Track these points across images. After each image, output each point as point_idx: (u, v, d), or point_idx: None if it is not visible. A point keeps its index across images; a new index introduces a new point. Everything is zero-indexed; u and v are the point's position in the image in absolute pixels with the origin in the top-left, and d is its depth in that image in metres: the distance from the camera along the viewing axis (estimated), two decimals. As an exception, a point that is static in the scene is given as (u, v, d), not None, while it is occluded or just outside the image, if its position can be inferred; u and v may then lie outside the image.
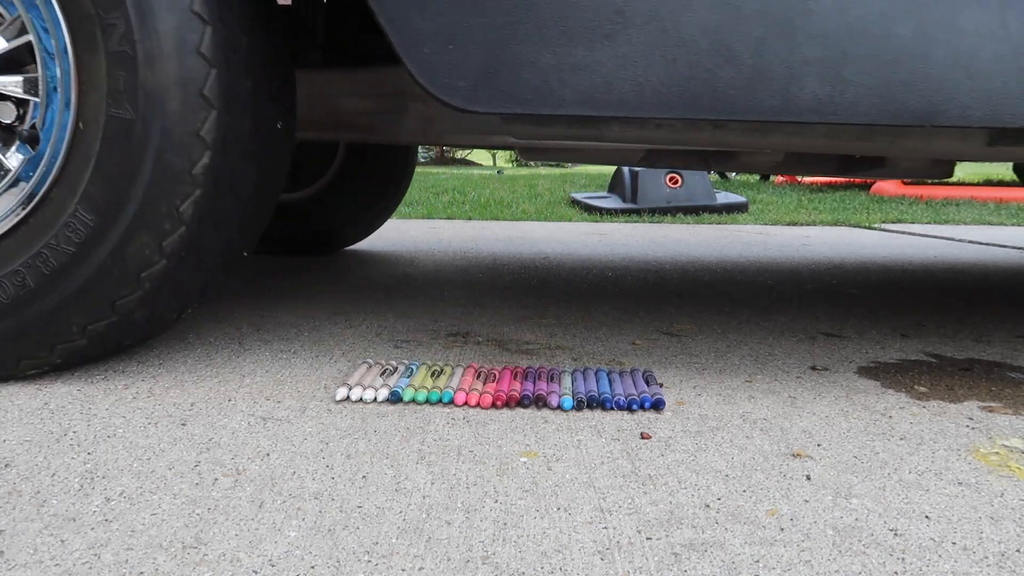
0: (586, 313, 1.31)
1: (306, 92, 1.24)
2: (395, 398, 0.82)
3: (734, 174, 7.64)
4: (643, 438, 0.73)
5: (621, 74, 0.78)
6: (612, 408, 0.81)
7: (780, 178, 6.70)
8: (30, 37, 0.81)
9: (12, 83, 0.82)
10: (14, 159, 0.83)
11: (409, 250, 2.20)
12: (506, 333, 1.15)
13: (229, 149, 0.84)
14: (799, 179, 6.63)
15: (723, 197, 4.04)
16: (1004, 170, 6.70)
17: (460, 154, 17.01)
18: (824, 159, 1.32)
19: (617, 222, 3.46)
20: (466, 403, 0.81)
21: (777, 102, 0.78)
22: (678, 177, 3.79)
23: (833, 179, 6.55)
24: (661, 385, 0.90)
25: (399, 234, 2.66)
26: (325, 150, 1.96)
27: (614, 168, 4.19)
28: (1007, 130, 0.78)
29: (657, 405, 0.81)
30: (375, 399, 0.82)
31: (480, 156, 18.54)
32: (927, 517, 0.59)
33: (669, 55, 0.77)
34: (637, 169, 3.75)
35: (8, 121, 0.83)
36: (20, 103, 0.83)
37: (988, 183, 5.67)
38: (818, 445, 0.73)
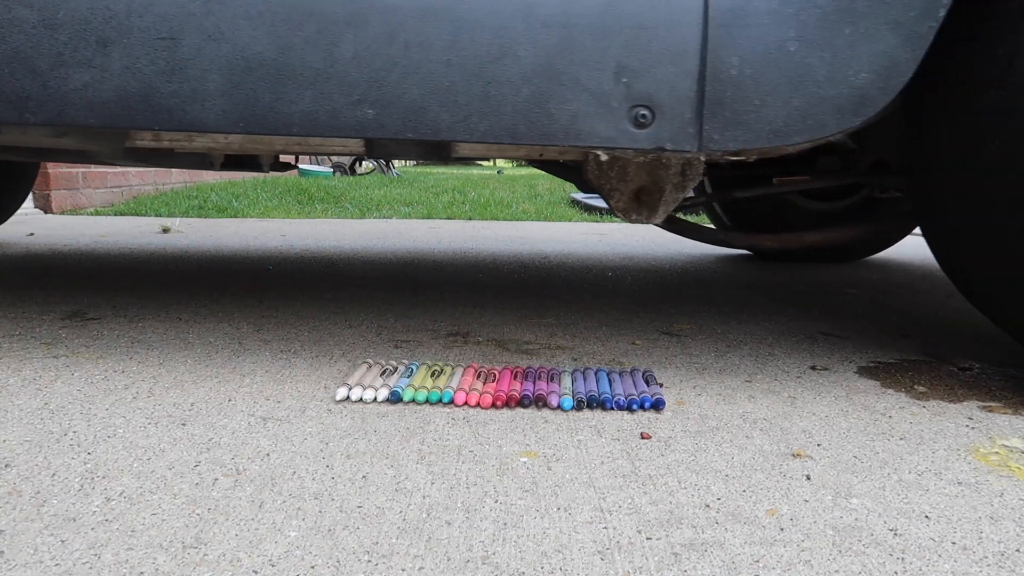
0: (586, 313, 1.31)
1: None
2: (395, 398, 0.82)
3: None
4: (643, 438, 0.73)
5: None
6: (612, 408, 0.81)
7: (780, 178, 6.69)
8: None
9: None
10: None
11: (409, 250, 2.20)
12: (506, 333, 1.15)
13: None
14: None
15: (723, 197, 4.02)
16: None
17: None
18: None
19: (617, 222, 3.46)
20: (466, 403, 0.81)
21: None
22: (678, 177, 3.78)
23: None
24: (661, 385, 0.90)
25: (399, 234, 2.66)
26: None
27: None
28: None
29: (657, 405, 0.81)
30: (375, 399, 0.82)
31: (480, 156, 18.48)
32: (927, 517, 0.59)
33: None
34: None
35: None
36: None
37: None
38: (818, 445, 0.73)
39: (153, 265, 1.80)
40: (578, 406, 0.81)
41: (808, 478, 0.65)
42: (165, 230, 2.66)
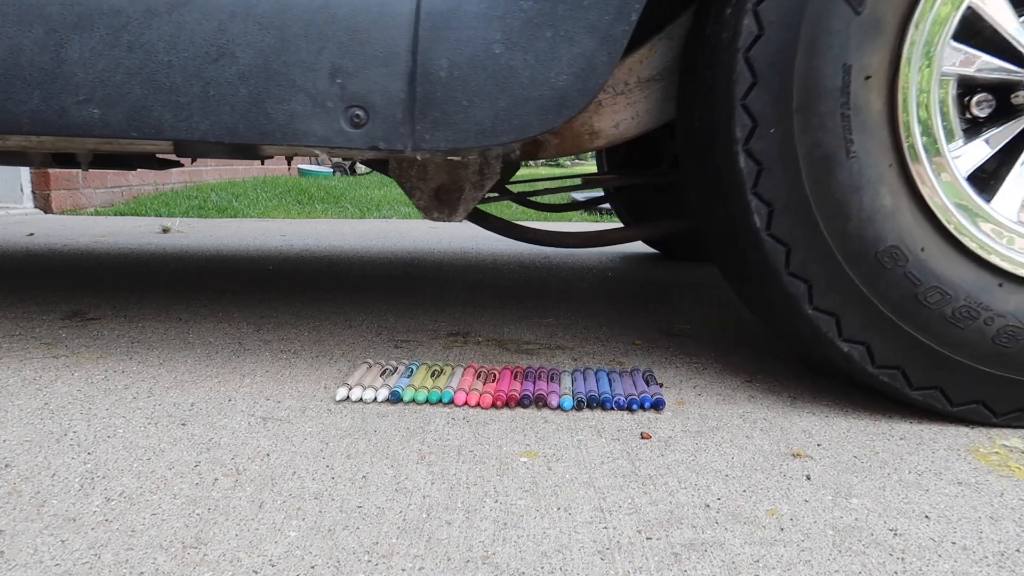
0: (586, 313, 1.31)
1: None
2: (395, 398, 0.82)
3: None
4: (643, 438, 0.73)
5: None
6: (612, 408, 0.81)
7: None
8: None
9: None
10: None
11: (409, 250, 2.20)
12: (506, 333, 1.15)
13: None
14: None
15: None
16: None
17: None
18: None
19: (618, 222, 3.46)
20: (466, 403, 0.81)
21: None
22: (677, 177, 3.78)
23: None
24: (661, 385, 0.90)
25: (399, 234, 2.66)
26: None
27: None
28: None
29: (657, 405, 0.81)
30: (375, 399, 0.82)
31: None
32: (927, 517, 0.59)
33: None
34: (636, 169, 3.74)
35: None
36: None
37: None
38: (818, 445, 0.73)
39: (153, 265, 1.80)
40: (578, 406, 0.81)
41: (808, 478, 0.65)
42: (165, 230, 2.66)
